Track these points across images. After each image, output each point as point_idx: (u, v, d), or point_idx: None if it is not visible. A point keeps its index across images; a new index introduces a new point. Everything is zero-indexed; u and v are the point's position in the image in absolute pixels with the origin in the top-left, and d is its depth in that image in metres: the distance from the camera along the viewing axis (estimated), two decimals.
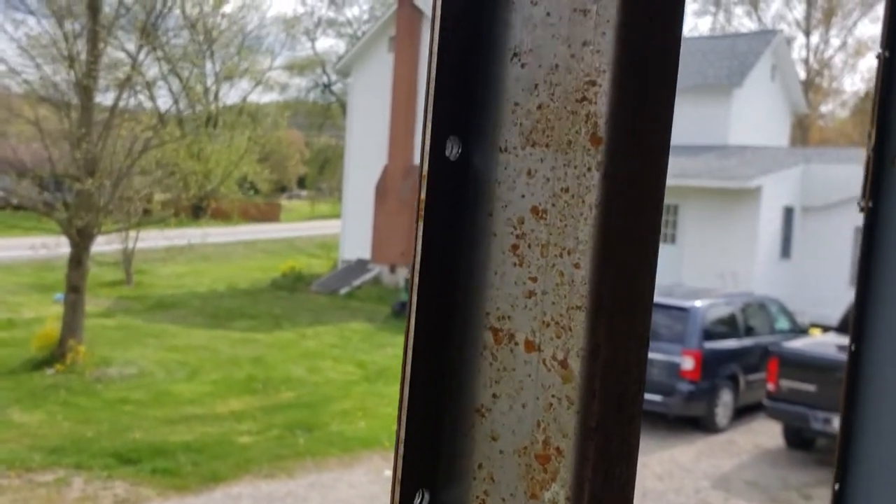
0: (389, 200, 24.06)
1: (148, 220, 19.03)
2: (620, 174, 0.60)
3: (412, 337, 0.65)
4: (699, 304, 12.75)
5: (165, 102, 20.02)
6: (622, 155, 0.60)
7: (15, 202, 16.25)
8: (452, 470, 0.67)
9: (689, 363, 12.20)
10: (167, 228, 20.99)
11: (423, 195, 0.64)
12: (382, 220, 24.15)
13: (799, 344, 12.09)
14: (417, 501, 0.66)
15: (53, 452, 9.82)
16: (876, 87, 1.51)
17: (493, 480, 0.65)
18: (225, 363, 14.77)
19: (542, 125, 0.63)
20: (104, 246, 19.30)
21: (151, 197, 19.38)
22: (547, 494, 0.62)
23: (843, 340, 10.71)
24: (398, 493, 0.65)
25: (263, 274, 26.25)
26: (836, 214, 20.80)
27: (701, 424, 12.48)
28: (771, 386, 11.48)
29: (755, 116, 25.22)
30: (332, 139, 51.06)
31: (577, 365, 0.60)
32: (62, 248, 15.65)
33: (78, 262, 14.36)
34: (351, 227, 26.03)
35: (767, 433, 12.39)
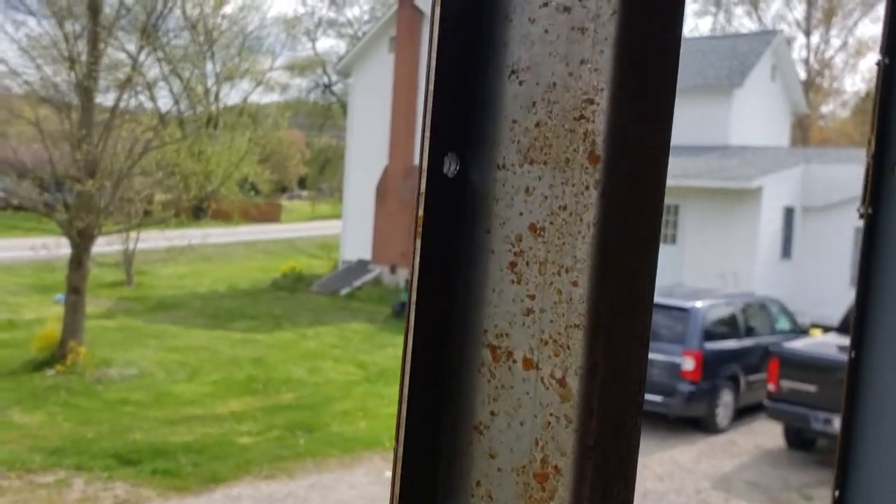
0: (390, 201, 24.06)
1: (148, 220, 19.03)
2: (618, 192, 0.60)
3: (410, 354, 0.64)
4: (700, 304, 12.75)
5: (166, 103, 20.06)
6: (620, 173, 0.60)
7: (15, 203, 16.26)
8: (451, 487, 0.67)
9: (689, 364, 12.20)
10: (168, 229, 20.99)
11: (420, 212, 0.64)
12: (383, 220, 24.16)
13: (799, 344, 12.09)
14: None
15: (54, 453, 9.83)
16: (875, 93, 1.51)
17: (491, 498, 0.65)
18: (225, 364, 14.77)
19: (539, 143, 0.63)
20: (105, 247, 19.30)
21: (152, 198, 19.40)
22: None
23: (843, 341, 10.71)
24: None
25: (264, 274, 26.26)
26: (836, 215, 20.79)
27: (701, 425, 12.48)
28: (771, 386, 11.47)
29: (756, 117, 25.21)
30: (332, 140, 51.05)
31: (575, 383, 0.60)
32: (62, 248, 15.65)
33: (78, 263, 14.35)
34: (351, 227, 26.03)
35: (768, 434, 12.39)
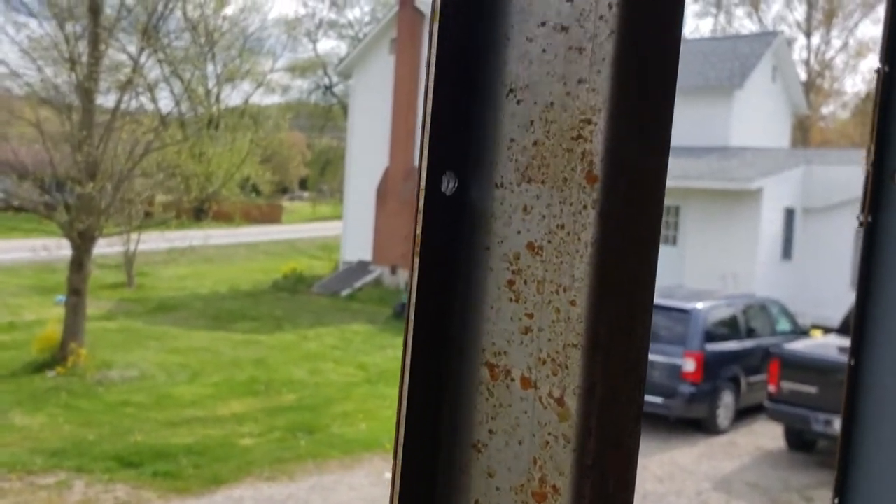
0: (390, 202, 24.06)
1: (149, 222, 19.05)
2: (616, 212, 0.60)
3: (409, 371, 0.64)
4: (700, 305, 12.75)
5: (167, 105, 20.11)
6: (618, 193, 0.60)
7: (16, 204, 16.25)
8: None
9: (690, 365, 12.20)
10: (169, 230, 21.01)
11: (418, 230, 0.64)
12: (383, 221, 24.16)
13: (800, 346, 12.08)
14: None
15: (54, 455, 9.83)
16: (875, 101, 1.50)
17: None
18: (226, 365, 14.77)
19: (537, 162, 0.63)
20: (105, 248, 19.30)
21: (153, 199, 19.43)
22: None
23: (844, 342, 10.70)
24: None
25: (265, 275, 26.26)
26: (836, 216, 20.79)
27: (702, 426, 12.47)
28: (772, 387, 11.47)
29: (756, 118, 25.21)
30: (333, 141, 51.03)
31: (573, 403, 0.60)
32: (63, 250, 15.65)
33: (79, 264, 14.35)
34: (352, 228, 26.04)
35: (769, 435, 12.39)
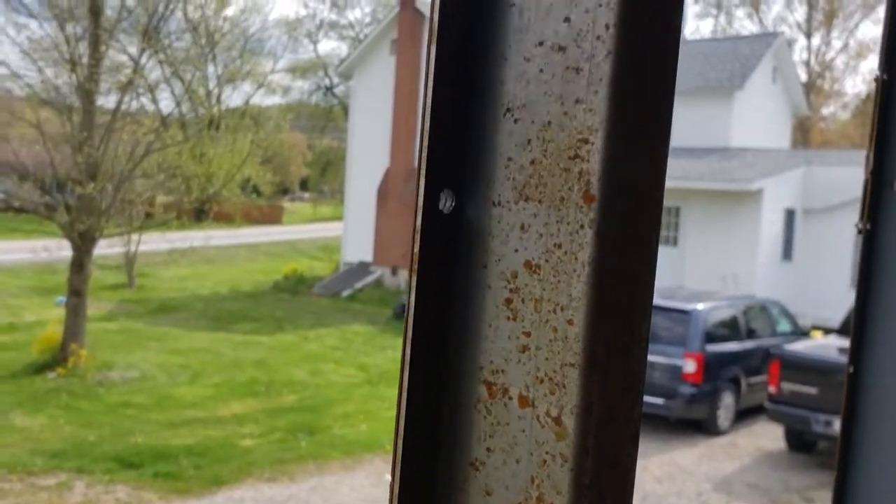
0: (391, 203, 24.08)
1: (150, 223, 19.04)
2: (613, 232, 0.60)
3: (406, 389, 0.64)
4: (701, 306, 12.75)
5: (168, 105, 20.12)
6: (615, 213, 0.60)
7: (17, 205, 16.26)
8: None
9: (690, 366, 12.20)
10: (169, 231, 21.01)
11: (416, 248, 0.64)
12: (384, 222, 24.17)
13: (800, 346, 12.08)
14: None
15: (55, 456, 9.83)
16: (874, 109, 1.50)
17: None
18: (227, 366, 14.78)
19: (535, 180, 0.63)
20: (106, 249, 19.31)
21: (154, 200, 19.42)
22: None
23: (844, 343, 10.69)
24: None
25: (266, 276, 26.26)
26: (837, 217, 20.78)
27: (703, 427, 12.47)
28: (772, 388, 11.47)
29: (756, 118, 25.20)
30: (334, 142, 51.03)
31: (570, 422, 0.60)
32: (64, 251, 15.65)
33: (80, 265, 14.35)
34: (353, 229, 26.05)
35: (769, 436, 12.38)
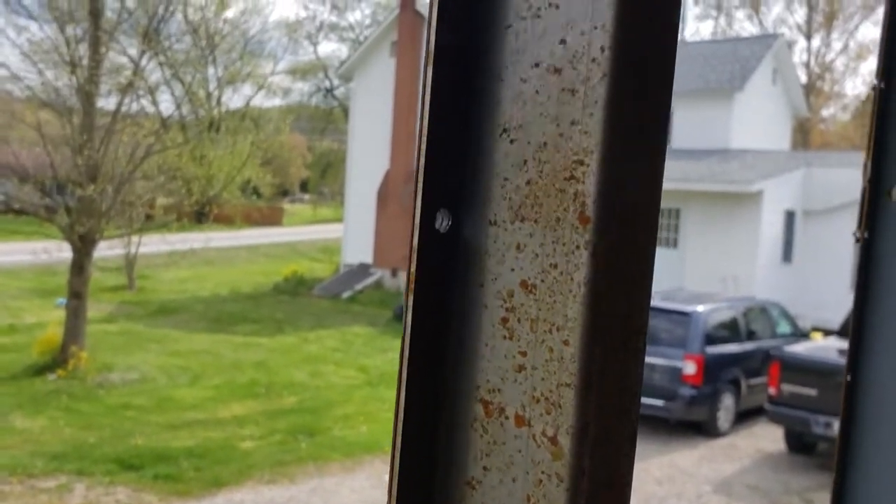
0: (391, 204, 24.08)
1: (150, 225, 19.04)
2: (609, 253, 0.60)
3: (403, 407, 0.65)
4: (701, 308, 12.75)
5: (168, 107, 20.07)
6: (610, 235, 0.60)
7: (17, 207, 16.24)
8: None
9: (691, 368, 12.20)
10: (170, 233, 20.99)
11: (413, 267, 0.64)
12: (384, 224, 24.17)
13: (800, 348, 12.08)
14: None
15: (55, 458, 9.83)
16: (872, 118, 1.50)
17: None
18: (227, 368, 14.77)
19: (530, 201, 0.63)
20: (106, 251, 19.32)
21: (154, 202, 19.42)
22: None
23: (844, 345, 10.68)
24: None
25: (266, 278, 26.26)
26: (837, 218, 20.78)
27: (703, 429, 12.47)
28: (772, 390, 11.46)
29: (757, 120, 25.21)
30: (334, 143, 51.03)
31: (566, 442, 0.60)
32: (64, 253, 15.65)
33: (80, 267, 14.35)
34: (353, 231, 26.05)
35: (769, 437, 12.38)
